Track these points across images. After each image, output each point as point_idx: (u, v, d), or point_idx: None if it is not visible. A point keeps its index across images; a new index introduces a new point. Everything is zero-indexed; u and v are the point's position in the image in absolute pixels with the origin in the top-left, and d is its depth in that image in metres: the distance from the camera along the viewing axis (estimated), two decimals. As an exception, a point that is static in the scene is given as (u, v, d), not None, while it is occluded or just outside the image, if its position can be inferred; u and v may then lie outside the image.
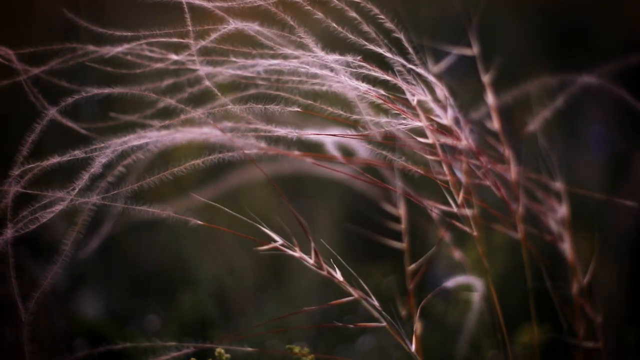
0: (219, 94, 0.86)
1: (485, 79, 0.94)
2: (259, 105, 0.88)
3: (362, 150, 0.97)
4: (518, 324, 1.61)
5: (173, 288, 2.06)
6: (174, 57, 0.89)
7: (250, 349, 0.89)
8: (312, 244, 0.86)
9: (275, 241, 0.85)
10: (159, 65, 0.90)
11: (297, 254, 0.86)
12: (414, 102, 0.86)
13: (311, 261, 0.87)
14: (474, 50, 0.94)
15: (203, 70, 0.86)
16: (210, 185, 1.64)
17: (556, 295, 1.02)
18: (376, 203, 1.86)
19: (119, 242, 2.21)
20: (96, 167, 0.87)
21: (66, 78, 0.96)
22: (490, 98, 0.94)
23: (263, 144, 0.87)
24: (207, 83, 0.86)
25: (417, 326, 0.89)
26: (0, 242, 0.90)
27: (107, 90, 0.91)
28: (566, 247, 1.00)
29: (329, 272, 0.88)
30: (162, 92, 0.93)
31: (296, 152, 0.89)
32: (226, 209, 0.91)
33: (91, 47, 0.91)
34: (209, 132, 0.85)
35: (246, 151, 0.85)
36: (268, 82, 0.89)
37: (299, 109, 0.86)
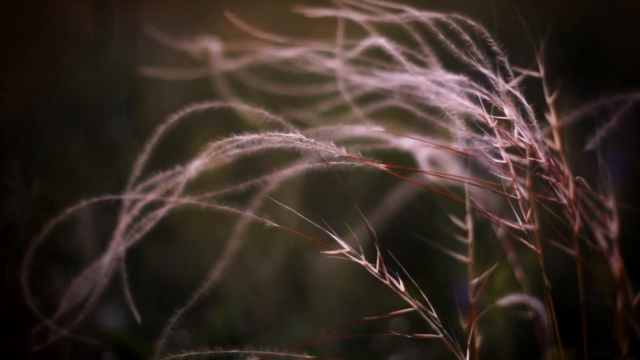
0: (352, 105, 0.90)
1: (550, 99, 0.96)
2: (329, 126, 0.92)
3: (456, 166, 1.01)
4: (544, 346, 1.61)
5: (195, 303, 2.05)
6: (330, 65, 0.95)
7: (308, 356, 0.90)
8: (378, 253, 0.87)
9: (342, 248, 0.87)
10: (315, 70, 0.95)
11: (363, 262, 0.88)
12: (494, 123, 0.89)
13: (375, 270, 0.88)
14: (541, 73, 0.96)
15: (343, 82, 0.93)
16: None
17: (606, 313, 1.03)
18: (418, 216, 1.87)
19: (141, 256, 2.22)
20: (190, 172, 0.90)
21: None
22: (553, 118, 0.96)
23: (344, 151, 0.89)
24: (345, 96, 0.91)
25: (478, 339, 0.90)
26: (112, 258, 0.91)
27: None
28: (614, 263, 1.01)
29: (391, 282, 0.89)
30: (324, 97, 0.98)
31: (380, 164, 0.91)
32: (296, 212, 0.93)
33: (267, 51, 0.97)
34: (293, 137, 0.87)
35: (330, 162, 0.87)
36: (401, 95, 0.95)
37: (382, 129, 0.90)
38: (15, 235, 1.72)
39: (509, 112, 0.92)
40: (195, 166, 0.90)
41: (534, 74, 0.96)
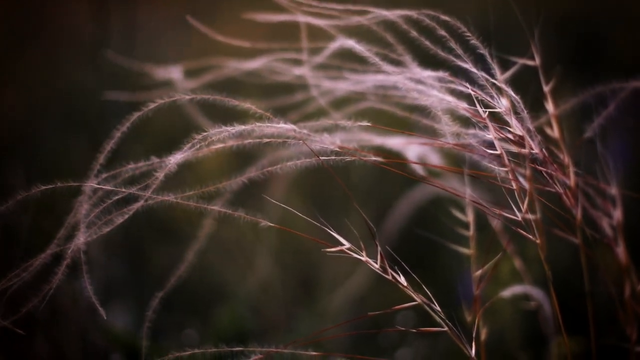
0: (328, 110, 0.89)
1: (547, 88, 0.96)
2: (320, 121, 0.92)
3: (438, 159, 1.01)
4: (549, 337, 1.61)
5: (200, 302, 2.06)
6: (297, 72, 0.95)
7: (314, 352, 0.90)
8: (379, 248, 0.87)
9: (342, 244, 0.87)
10: (283, 78, 0.95)
11: (364, 257, 0.88)
12: (485, 114, 0.89)
13: (376, 265, 0.88)
14: (537, 61, 0.96)
15: (316, 88, 0.92)
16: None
17: (610, 301, 1.02)
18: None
19: (144, 256, 2.22)
20: (171, 166, 0.88)
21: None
22: (551, 106, 0.96)
23: (337, 141, 0.89)
24: (320, 100, 0.91)
25: (483, 331, 0.90)
26: (73, 248, 0.90)
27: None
28: (620, 251, 1.00)
29: (393, 277, 0.89)
30: (300, 105, 0.98)
31: (373, 157, 0.91)
32: (298, 213, 0.93)
33: (231, 63, 0.96)
34: (285, 127, 0.87)
35: (322, 158, 0.87)
36: (375, 96, 0.95)
37: (369, 124, 0.90)
38: (17, 237, 1.71)
39: (505, 103, 0.91)
40: (176, 159, 0.88)
41: (530, 62, 0.96)
